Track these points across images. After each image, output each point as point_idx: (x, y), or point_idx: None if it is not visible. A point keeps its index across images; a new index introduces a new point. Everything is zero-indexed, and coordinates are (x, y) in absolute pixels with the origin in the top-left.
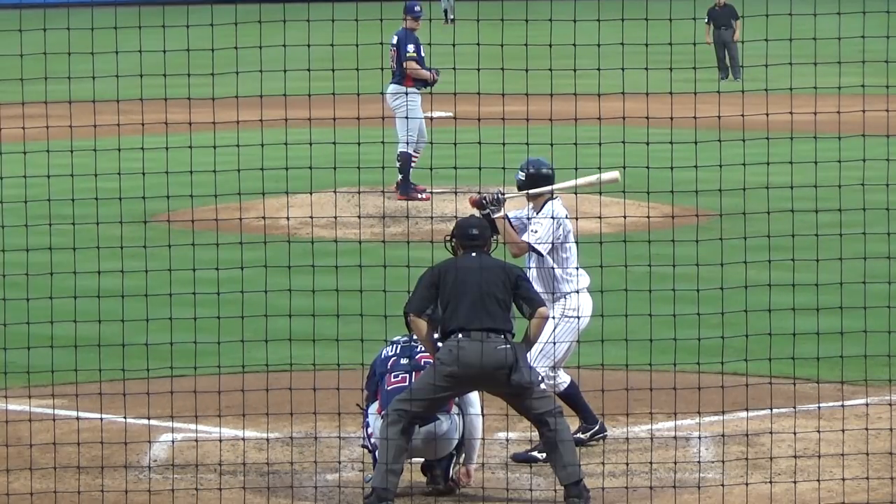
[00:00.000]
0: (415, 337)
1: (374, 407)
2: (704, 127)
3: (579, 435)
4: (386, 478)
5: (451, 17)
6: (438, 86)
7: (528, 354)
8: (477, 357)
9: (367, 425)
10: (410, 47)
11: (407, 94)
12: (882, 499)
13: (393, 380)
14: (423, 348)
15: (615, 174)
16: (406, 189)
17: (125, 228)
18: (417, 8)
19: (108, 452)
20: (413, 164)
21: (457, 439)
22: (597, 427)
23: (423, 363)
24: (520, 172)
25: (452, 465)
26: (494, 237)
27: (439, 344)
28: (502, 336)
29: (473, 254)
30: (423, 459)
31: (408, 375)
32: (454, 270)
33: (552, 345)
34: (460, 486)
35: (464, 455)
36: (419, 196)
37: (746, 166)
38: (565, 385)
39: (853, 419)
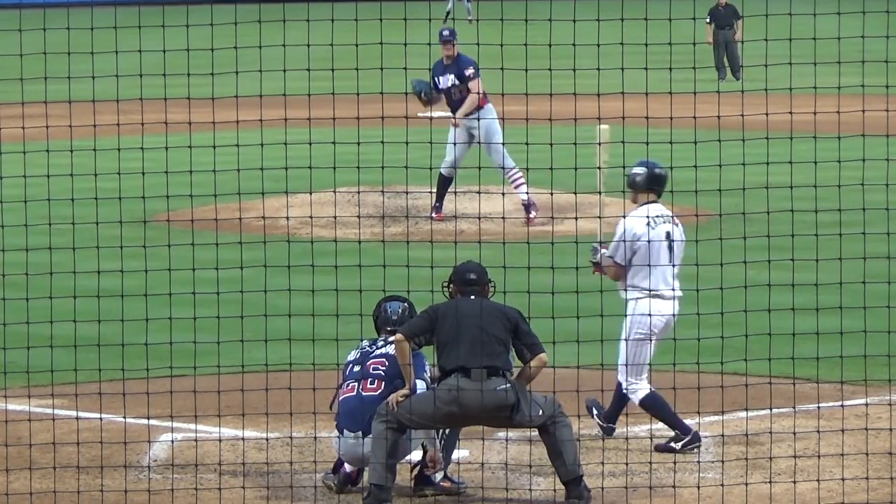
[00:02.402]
0: (378, 343)
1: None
2: (704, 127)
3: (672, 445)
4: (384, 475)
5: (469, 17)
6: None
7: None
8: (477, 399)
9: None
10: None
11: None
12: (882, 499)
13: (345, 389)
14: (378, 353)
15: (604, 127)
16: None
17: (125, 228)
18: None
19: (108, 452)
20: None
21: (411, 448)
22: (689, 437)
23: (371, 370)
24: (636, 168)
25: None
26: (492, 282)
27: (421, 382)
28: (502, 376)
29: (473, 297)
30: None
31: (356, 384)
32: (454, 310)
33: (633, 364)
34: (460, 487)
35: (430, 450)
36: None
37: (746, 166)
38: (644, 394)
39: (853, 419)
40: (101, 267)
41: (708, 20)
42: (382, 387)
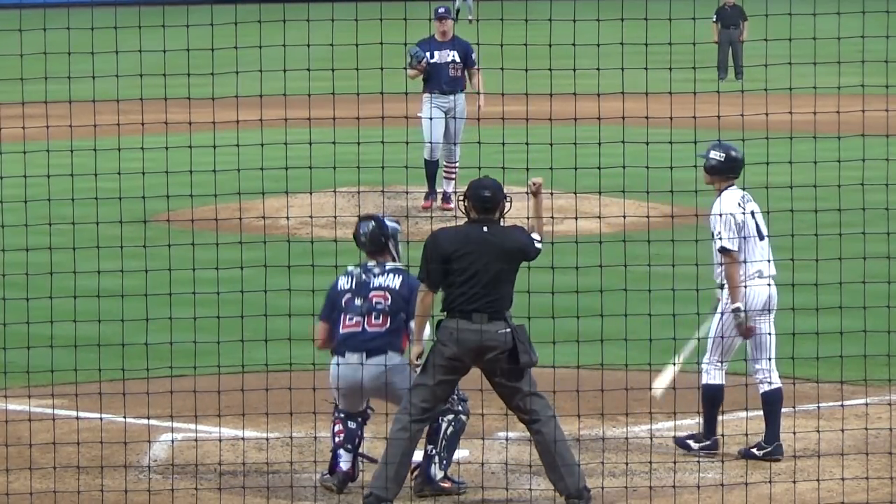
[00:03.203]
0: (369, 265)
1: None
2: (704, 127)
3: (690, 442)
4: (387, 486)
5: (469, 17)
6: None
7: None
8: (475, 336)
9: (336, 421)
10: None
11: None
12: (882, 499)
13: (348, 322)
14: (377, 285)
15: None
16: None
17: (125, 228)
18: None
19: (108, 452)
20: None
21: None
22: (711, 442)
23: (374, 303)
24: (713, 152)
25: (435, 466)
26: (508, 198)
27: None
28: (503, 319)
29: (485, 228)
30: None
31: (361, 319)
32: (461, 248)
33: (721, 339)
34: (460, 487)
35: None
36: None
37: (746, 166)
38: (715, 383)
39: (853, 419)
40: (102, 267)
41: (714, 19)
42: (388, 322)
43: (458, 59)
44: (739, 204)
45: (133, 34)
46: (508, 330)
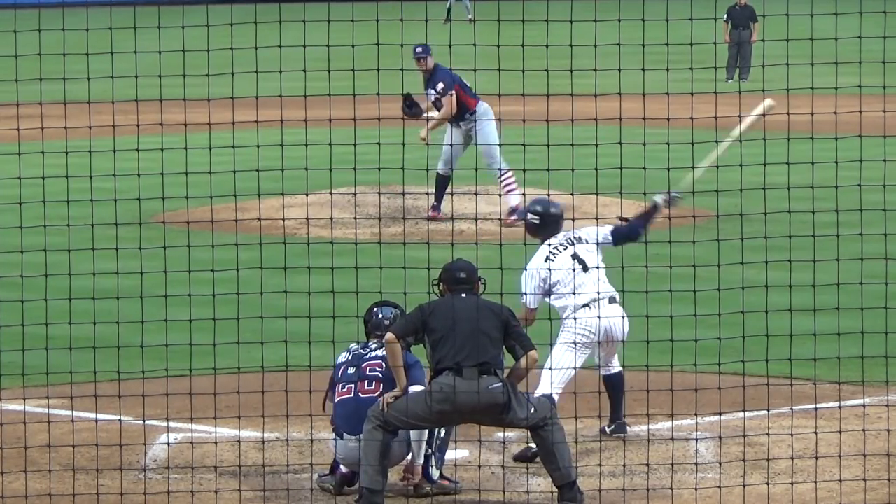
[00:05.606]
0: (372, 345)
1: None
2: (701, 127)
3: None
4: (376, 478)
5: (469, 16)
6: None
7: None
8: (471, 398)
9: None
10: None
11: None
12: (880, 499)
13: (341, 390)
14: (373, 355)
15: (770, 101)
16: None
17: (121, 229)
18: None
19: (105, 453)
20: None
21: (407, 451)
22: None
23: (367, 372)
24: (530, 216)
25: (432, 467)
26: (482, 280)
27: (419, 386)
28: (494, 374)
29: (463, 294)
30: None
31: (353, 386)
32: (448, 307)
33: (573, 370)
34: (456, 486)
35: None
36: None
37: (743, 167)
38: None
39: (851, 419)
40: (97, 268)
41: (725, 18)
42: (381, 388)
43: (435, 95)
44: (547, 257)
45: (128, 35)
46: (500, 384)
